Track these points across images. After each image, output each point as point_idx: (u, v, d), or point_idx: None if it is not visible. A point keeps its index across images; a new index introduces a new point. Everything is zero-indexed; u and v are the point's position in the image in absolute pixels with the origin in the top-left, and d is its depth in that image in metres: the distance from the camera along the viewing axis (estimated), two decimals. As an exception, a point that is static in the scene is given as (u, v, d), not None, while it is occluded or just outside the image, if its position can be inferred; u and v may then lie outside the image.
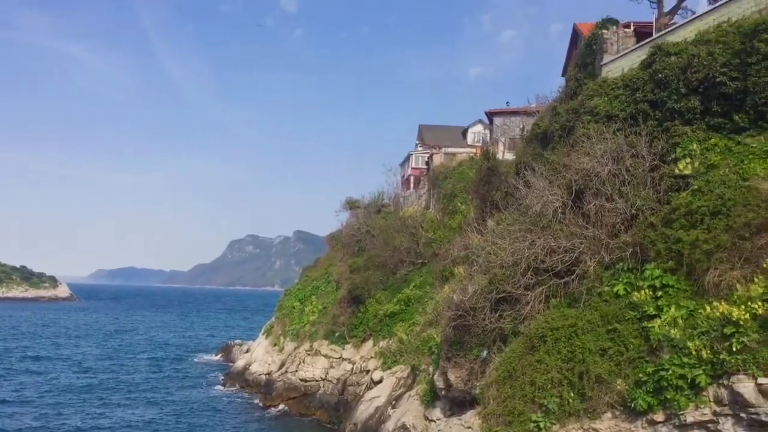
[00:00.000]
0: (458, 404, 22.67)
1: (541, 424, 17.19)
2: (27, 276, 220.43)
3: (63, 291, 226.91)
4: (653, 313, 16.81)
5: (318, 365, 43.54)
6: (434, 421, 23.64)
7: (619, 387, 16.39)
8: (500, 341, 21.00)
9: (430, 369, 27.80)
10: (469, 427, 19.77)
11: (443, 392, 23.56)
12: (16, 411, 41.10)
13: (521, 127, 46.02)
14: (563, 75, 38.07)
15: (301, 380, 43.55)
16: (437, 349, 27.38)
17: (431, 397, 25.31)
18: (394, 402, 30.78)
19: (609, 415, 16.47)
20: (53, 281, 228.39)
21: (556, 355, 17.99)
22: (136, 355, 72.70)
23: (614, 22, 29.53)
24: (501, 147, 50.12)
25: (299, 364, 45.11)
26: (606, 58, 27.21)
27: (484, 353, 21.41)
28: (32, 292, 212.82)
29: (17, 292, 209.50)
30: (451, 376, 22.68)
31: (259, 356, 53.38)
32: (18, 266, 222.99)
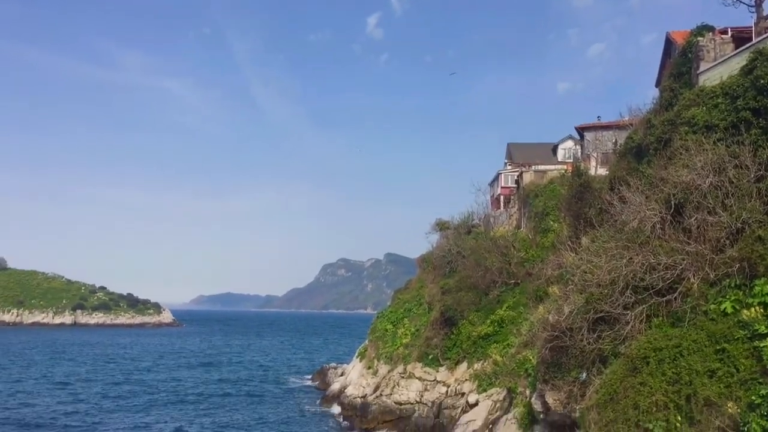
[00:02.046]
0: (557, 428, 22.05)
1: (647, 450, 16.46)
2: (133, 303, 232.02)
3: (167, 317, 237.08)
4: (765, 331, 15.87)
5: (412, 388, 43.44)
6: (533, 446, 23.10)
7: (730, 410, 15.50)
8: (599, 362, 20.32)
9: (527, 392, 27.23)
10: (569, 452, 19.18)
11: (542, 415, 23.00)
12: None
13: (614, 141, 44.87)
14: (657, 86, 36.90)
15: (396, 403, 43.54)
16: (533, 371, 26.79)
17: (529, 421, 24.75)
18: (490, 426, 30.28)
19: (721, 440, 15.60)
20: (157, 308, 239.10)
21: (660, 377, 17.22)
22: (238, 377, 75.11)
23: (710, 28, 28.48)
24: (593, 162, 48.94)
25: (393, 387, 45.14)
26: (703, 66, 26.20)
27: (583, 375, 20.77)
28: (138, 319, 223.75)
29: (124, 318, 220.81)
30: (549, 399, 22.11)
31: (353, 379, 53.80)
32: (125, 294, 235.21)
